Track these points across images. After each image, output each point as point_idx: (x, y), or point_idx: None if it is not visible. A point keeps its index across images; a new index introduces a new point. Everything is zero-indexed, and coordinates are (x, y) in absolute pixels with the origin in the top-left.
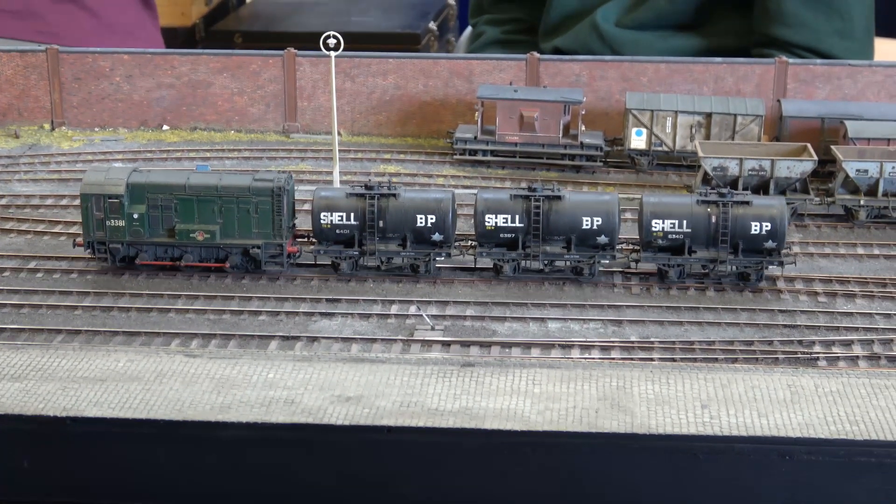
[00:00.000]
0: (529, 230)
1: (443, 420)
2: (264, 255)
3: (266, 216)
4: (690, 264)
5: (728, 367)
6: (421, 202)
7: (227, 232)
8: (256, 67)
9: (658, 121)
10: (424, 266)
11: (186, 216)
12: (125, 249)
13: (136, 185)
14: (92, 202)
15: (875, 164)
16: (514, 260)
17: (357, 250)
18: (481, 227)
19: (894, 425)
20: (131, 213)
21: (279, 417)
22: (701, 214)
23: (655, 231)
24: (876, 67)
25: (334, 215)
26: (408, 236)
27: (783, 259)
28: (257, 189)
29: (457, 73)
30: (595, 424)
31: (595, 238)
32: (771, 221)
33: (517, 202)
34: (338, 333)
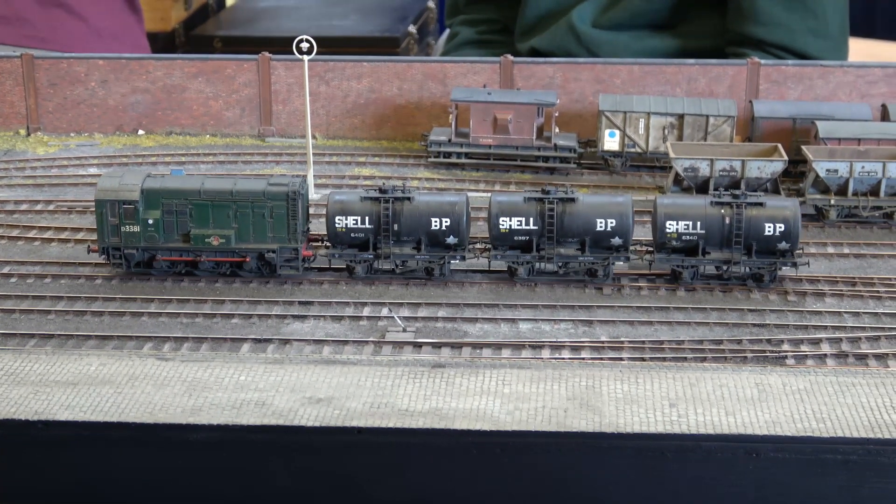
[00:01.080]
0: (543, 232)
1: (413, 421)
2: (279, 260)
3: (281, 220)
4: (704, 266)
5: (697, 367)
6: (436, 205)
7: (243, 236)
8: (231, 72)
9: (631, 122)
10: (439, 269)
11: (201, 221)
12: (140, 255)
13: (150, 191)
14: (107, 208)
15: (845, 163)
16: (528, 262)
17: (372, 254)
18: (495, 229)
19: (860, 423)
20: (146, 219)
21: (250, 419)
22: (715, 216)
23: (669, 232)
24: (848, 68)
25: (349, 219)
26: (422, 239)
27: (796, 260)
28: (272, 193)
29: (431, 76)
30: (564, 424)
31: (609, 240)
32: (784, 223)
33: (531, 205)
34: (310, 336)
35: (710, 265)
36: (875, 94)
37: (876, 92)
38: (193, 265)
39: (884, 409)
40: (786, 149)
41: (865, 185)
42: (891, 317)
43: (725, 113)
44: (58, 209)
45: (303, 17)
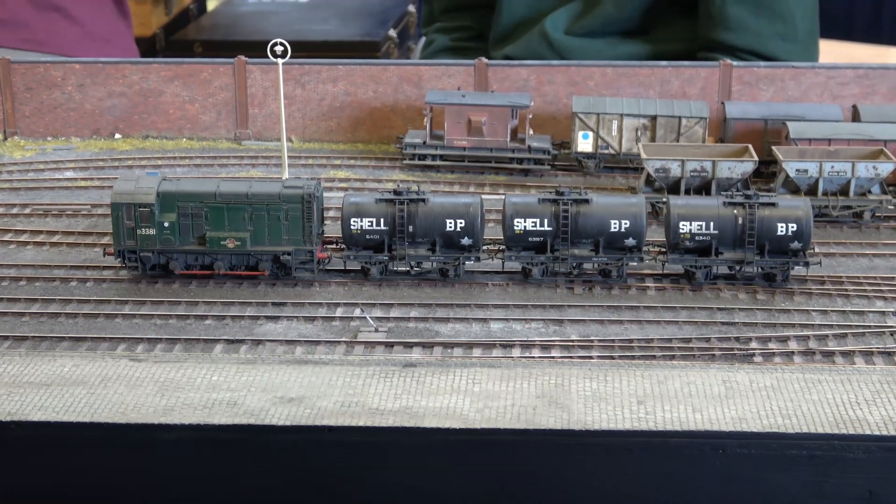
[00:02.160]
0: (558, 233)
1: (383, 419)
2: (295, 262)
3: (296, 223)
4: (717, 265)
5: (665, 364)
6: (450, 207)
7: (258, 239)
8: (207, 75)
9: (604, 124)
10: (454, 270)
11: (217, 224)
12: (156, 258)
13: (166, 194)
14: (122, 211)
15: (815, 163)
16: (542, 263)
17: (387, 255)
18: (510, 230)
19: (825, 418)
20: (162, 222)
21: (221, 419)
22: (728, 216)
23: (683, 233)
24: (819, 69)
25: (364, 221)
26: (437, 241)
27: (808, 259)
28: (287, 196)
29: (406, 79)
30: (532, 421)
31: (623, 240)
32: (797, 222)
33: (545, 206)
34: (283, 336)
35: (723, 265)
36: (846, 95)
37: (847, 93)
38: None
39: (849, 405)
40: (757, 149)
41: (835, 185)
42: (858, 314)
43: (698, 114)
44: (34, 213)
45: (283, 22)
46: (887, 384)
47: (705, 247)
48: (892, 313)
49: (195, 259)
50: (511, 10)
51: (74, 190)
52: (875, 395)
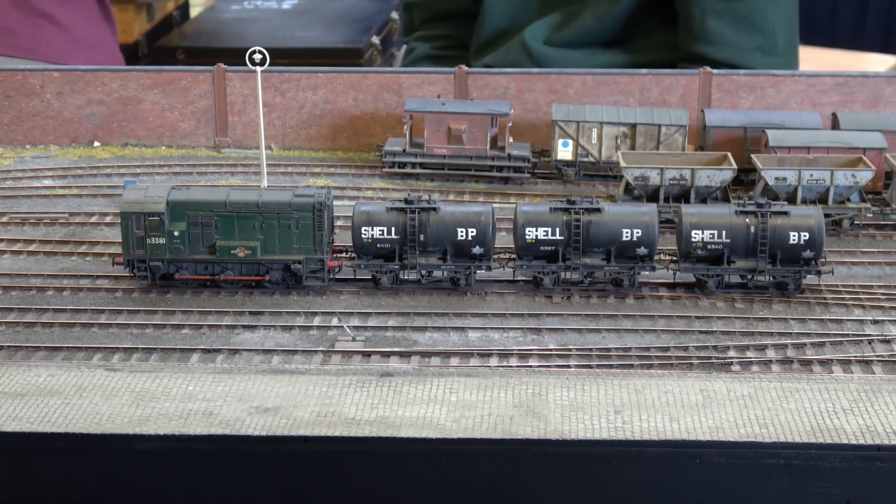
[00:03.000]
0: (569, 242)
1: (359, 429)
2: (305, 271)
3: (307, 231)
4: (729, 274)
5: (643, 373)
6: (462, 216)
7: (268, 248)
8: (187, 83)
9: (584, 132)
10: (465, 279)
11: (227, 233)
12: (165, 267)
13: (176, 203)
14: (132, 220)
15: (793, 172)
16: (553, 272)
17: (398, 264)
18: (521, 240)
19: (803, 427)
20: (172, 231)
21: (197, 429)
22: (740, 225)
23: (695, 241)
24: (799, 77)
25: (375, 230)
26: (448, 250)
27: (821, 268)
28: (298, 205)
29: (386, 87)
30: (509, 431)
31: (634, 249)
32: (809, 231)
33: (557, 215)
34: (259, 346)
35: (735, 274)
36: (826, 103)
37: (827, 101)
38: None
39: (826, 414)
40: (737, 157)
41: (814, 193)
42: (836, 323)
43: (677, 122)
44: (11, 221)
45: (266, 29)
46: (864, 393)
47: (717, 255)
48: (869, 322)
49: (205, 268)
50: (492, 20)
51: (52, 198)
52: (852, 403)
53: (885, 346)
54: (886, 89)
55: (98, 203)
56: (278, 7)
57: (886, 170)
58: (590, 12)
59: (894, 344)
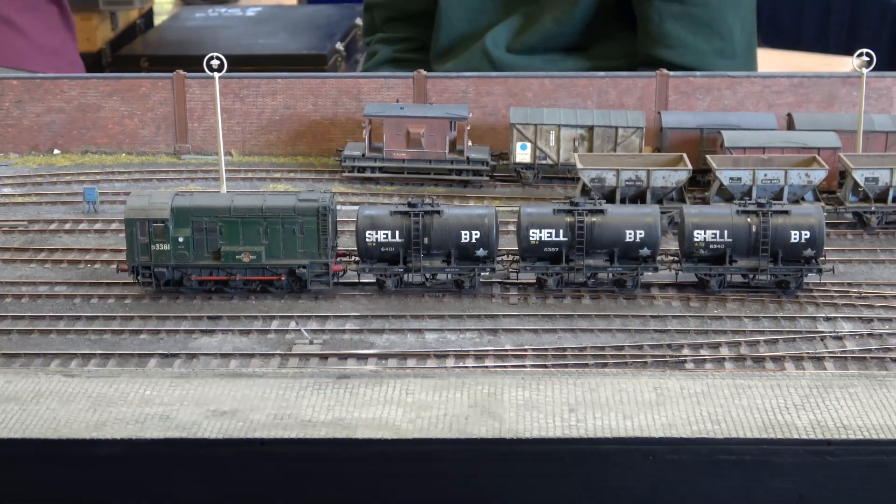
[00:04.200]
0: (573, 244)
1: (315, 431)
2: (310, 275)
3: (312, 236)
4: (731, 274)
5: (597, 372)
6: (465, 218)
7: (273, 253)
8: (146, 90)
9: (542, 135)
10: (469, 281)
11: (231, 238)
12: (170, 273)
13: (180, 209)
14: (136, 227)
15: (748, 172)
16: (557, 274)
17: (402, 267)
18: (525, 241)
19: (754, 423)
20: (176, 237)
21: (153, 433)
22: (741, 224)
23: (697, 241)
24: (755, 78)
25: (379, 233)
26: (452, 252)
27: (822, 266)
28: (302, 209)
29: (345, 92)
30: (464, 431)
31: (637, 250)
32: (810, 230)
33: (560, 216)
34: (217, 350)
35: (736, 273)
36: (781, 104)
37: (782, 101)
38: (224, 284)
39: (777, 410)
40: (693, 158)
41: (768, 193)
42: (790, 320)
43: (634, 124)
44: None
45: (231, 36)
46: (816, 389)
47: (719, 255)
48: (823, 318)
49: (210, 274)
50: (451, 26)
51: (11, 206)
52: (804, 399)
53: (837, 343)
54: (841, 90)
55: (58, 211)
56: (242, 14)
57: (840, 169)
58: (549, 17)
59: (846, 340)
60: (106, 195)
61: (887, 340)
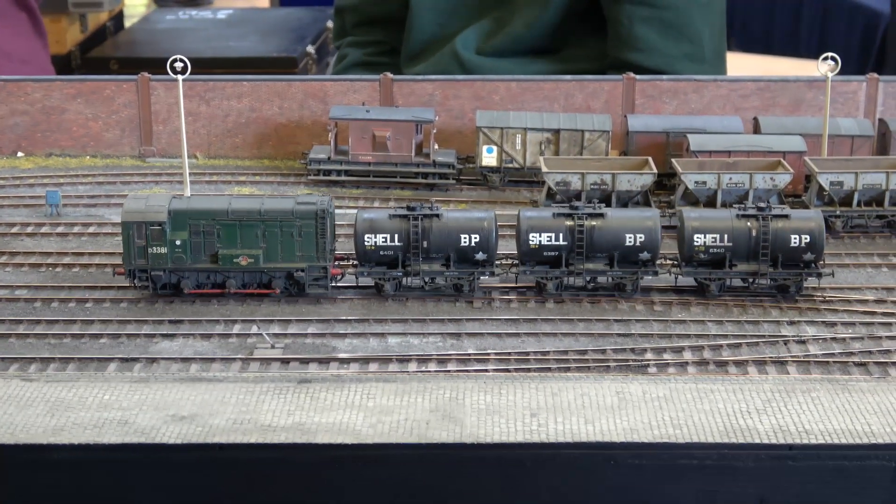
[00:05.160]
0: (573, 248)
1: (275, 436)
2: (308, 278)
3: (310, 239)
4: (731, 278)
5: (560, 376)
6: (465, 222)
7: (271, 256)
8: (111, 92)
9: (508, 138)
10: (468, 285)
11: (229, 241)
12: (167, 276)
13: (177, 212)
14: (133, 230)
15: (713, 175)
16: (556, 278)
17: (401, 271)
18: (525, 245)
19: (716, 428)
20: (173, 240)
21: (111, 438)
22: (742, 228)
23: (697, 245)
24: (721, 82)
25: (378, 237)
26: (451, 256)
27: (821, 271)
28: (301, 212)
29: (311, 95)
30: (425, 436)
31: (637, 254)
32: (810, 234)
33: (560, 220)
34: (178, 354)
35: (736, 277)
36: (748, 108)
37: (749, 105)
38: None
39: (739, 415)
40: (660, 162)
41: (733, 197)
42: (753, 324)
43: (600, 128)
44: None
45: (201, 39)
46: (778, 393)
47: (719, 259)
48: (786, 323)
49: (207, 277)
50: (421, 29)
51: None
52: (766, 403)
53: (800, 347)
54: (807, 93)
55: (20, 213)
56: (213, 17)
57: (806, 173)
58: (519, 20)
59: (809, 345)
60: (69, 198)
61: (850, 345)
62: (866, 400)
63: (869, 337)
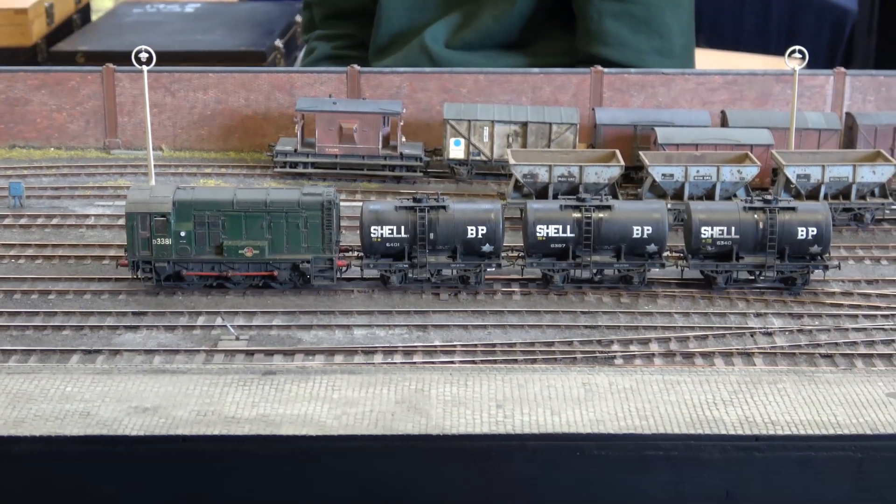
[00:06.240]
0: (580, 240)
1: (239, 428)
2: (314, 270)
3: (316, 230)
4: (738, 270)
5: (526, 368)
6: (472, 213)
7: (276, 247)
8: (75, 84)
9: (475, 131)
10: (475, 277)
11: (234, 232)
12: (171, 268)
13: (182, 203)
14: (137, 221)
15: (680, 168)
16: (563, 270)
17: (407, 263)
18: (532, 237)
19: (682, 419)
20: (178, 231)
21: (73, 430)
22: (749, 221)
23: (705, 238)
24: (689, 75)
25: (384, 229)
26: (458, 248)
27: (828, 263)
28: (307, 203)
29: (278, 87)
30: (390, 427)
31: (644, 246)
32: (816, 226)
33: (567, 212)
34: (141, 346)
35: (743, 270)
36: (716, 101)
37: (716, 99)
38: (225, 279)
39: (705, 406)
40: (627, 155)
41: (700, 189)
42: (720, 316)
43: (568, 120)
44: None
45: (169, 32)
46: (745, 384)
47: (726, 251)
48: (753, 314)
49: (211, 269)
50: (390, 22)
51: None
52: (732, 395)
53: (767, 339)
54: (775, 87)
55: None
56: (181, 11)
57: (773, 166)
58: (488, 14)
59: (776, 336)
60: (33, 190)
61: (816, 336)
62: (832, 391)
63: (836, 329)
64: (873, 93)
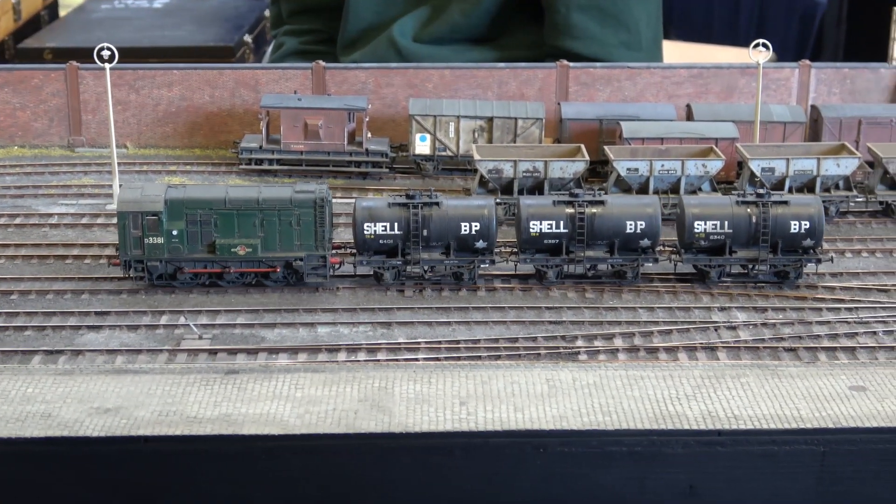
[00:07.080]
0: (574, 235)
1: (201, 428)
2: (307, 267)
3: (308, 228)
4: (731, 264)
5: (490, 365)
6: (465, 210)
7: (269, 245)
8: (38, 82)
9: (441, 126)
10: (468, 273)
11: (226, 231)
12: (163, 267)
13: (174, 201)
14: (129, 220)
15: (645, 162)
16: (556, 266)
17: (400, 260)
18: (525, 233)
19: (646, 414)
20: (170, 230)
21: (34, 432)
22: (742, 215)
23: (698, 232)
24: (654, 69)
25: (377, 226)
26: (451, 244)
27: (820, 256)
28: (299, 201)
29: (243, 83)
30: (353, 426)
31: (638, 241)
32: (809, 220)
33: (561, 208)
34: (104, 346)
35: (736, 264)
36: (681, 95)
37: (682, 92)
38: (219, 276)
39: (669, 401)
40: (592, 149)
41: (666, 183)
42: (684, 311)
43: (534, 115)
44: None
45: (137, 28)
46: (708, 379)
47: (719, 246)
48: (717, 309)
49: (204, 267)
50: (358, 15)
51: None
52: (695, 390)
53: (730, 333)
54: (740, 80)
55: None
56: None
57: (738, 159)
58: (456, 8)
59: (740, 330)
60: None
61: (780, 330)
62: (795, 385)
63: (799, 322)
64: (838, 85)
